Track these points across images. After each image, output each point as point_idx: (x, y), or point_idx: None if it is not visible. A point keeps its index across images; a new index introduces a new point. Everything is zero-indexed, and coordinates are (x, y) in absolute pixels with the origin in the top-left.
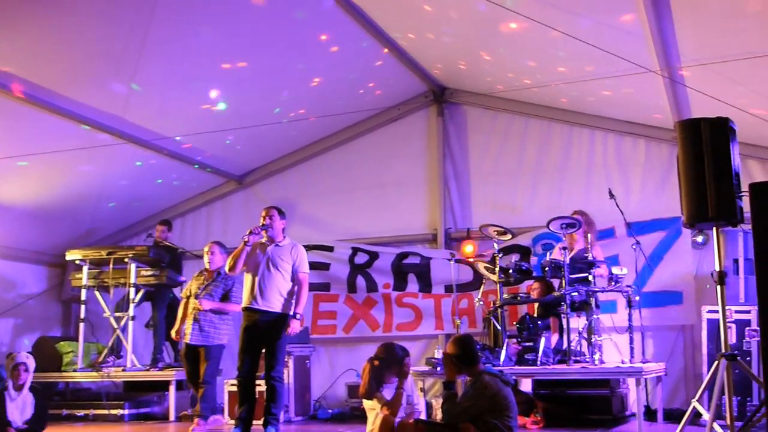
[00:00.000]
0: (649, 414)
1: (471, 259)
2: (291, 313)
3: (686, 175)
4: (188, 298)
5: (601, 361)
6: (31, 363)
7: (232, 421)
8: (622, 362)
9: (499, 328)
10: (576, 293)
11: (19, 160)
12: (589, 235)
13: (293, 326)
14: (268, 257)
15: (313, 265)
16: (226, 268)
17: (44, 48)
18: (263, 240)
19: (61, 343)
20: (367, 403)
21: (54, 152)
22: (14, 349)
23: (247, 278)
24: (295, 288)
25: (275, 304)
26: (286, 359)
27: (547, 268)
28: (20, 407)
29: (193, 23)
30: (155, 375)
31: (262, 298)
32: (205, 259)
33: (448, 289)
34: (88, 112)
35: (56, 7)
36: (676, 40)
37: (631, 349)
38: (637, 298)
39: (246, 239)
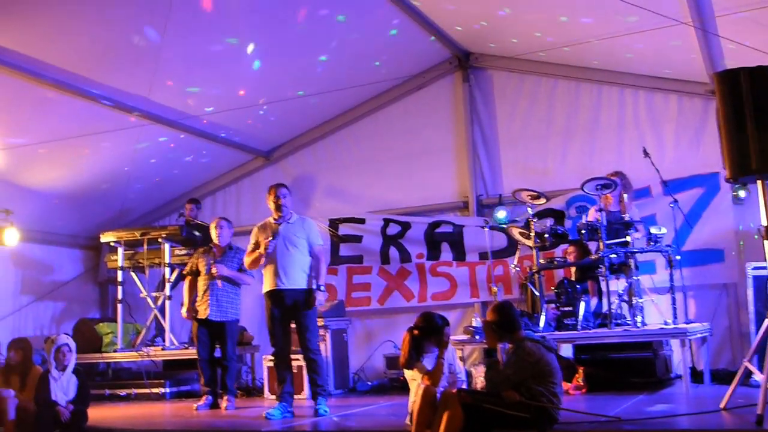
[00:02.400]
0: (695, 375)
1: (505, 225)
2: (314, 286)
3: (727, 128)
4: (194, 275)
5: (643, 324)
6: (73, 344)
7: (272, 396)
8: (665, 323)
9: (536, 293)
10: (614, 255)
11: (49, 145)
12: (625, 196)
13: (318, 298)
14: (284, 237)
15: (346, 238)
16: (246, 265)
17: (68, 33)
18: (273, 219)
19: (100, 324)
20: (408, 374)
21: (83, 136)
22: (55, 332)
23: (267, 263)
24: (313, 262)
25: (300, 281)
26: (323, 333)
27: (583, 231)
28: (64, 388)
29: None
30: (194, 353)
31: (286, 277)
32: (214, 234)
33: (482, 256)
34: (114, 94)
35: None
36: None
37: (674, 309)
38: (678, 257)
39: (263, 253)
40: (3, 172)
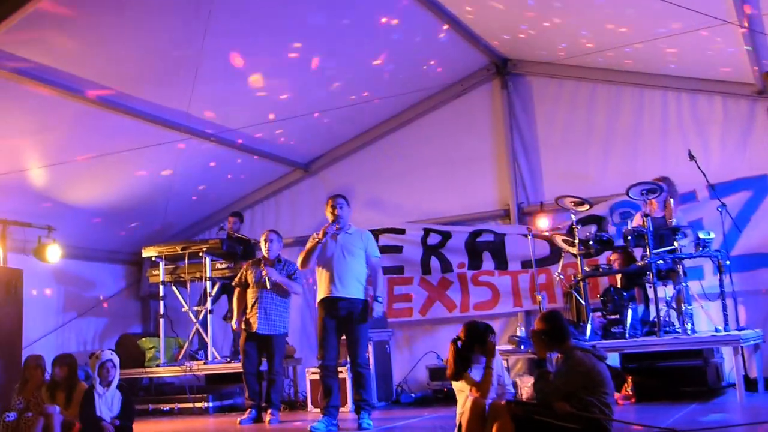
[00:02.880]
0: (748, 384)
1: (547, 233)
2: (371, 297)
3: None
4: (242, 287)
5: (693, 331)
6: (116, 360)
7: (315, 410)
8: (717, 330)
9: (582, 302)
10: (662, 261)
11: (90, 161)
12: (671, 200)
13: (376, 309)
14: (341, 245)
15: (386, 249)
16: (298, 265)
17: (110, 52)
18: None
19: (143, 339)
20: (455, 385)
21: (123, 152)
22: (98, 348)
23: (322, 270)
24: (370, 274)
25: (354, 291)
26: None
27: (629, 237)
28: (109, 404)
29: (253, 12)
30: (236, 367)
31: (342, 285)
32: (264, 247)
33: (525, 265)
34: (154, 110)
35: (116, 10)
36: None
37: (725, 316)
38: (727, 262)
39: (320, 238)
40: (45, 189)
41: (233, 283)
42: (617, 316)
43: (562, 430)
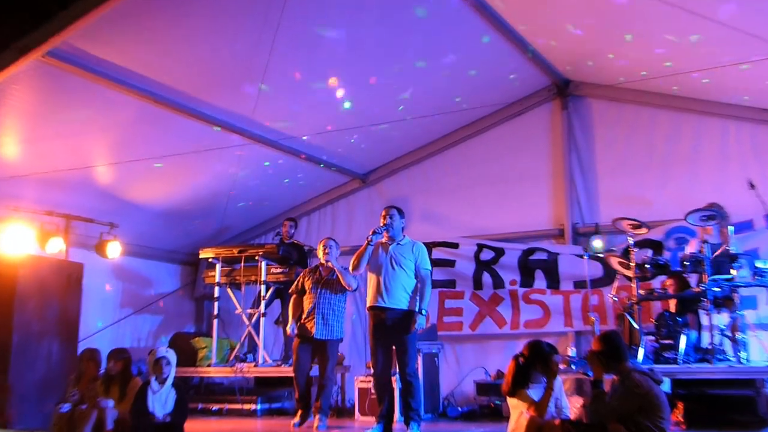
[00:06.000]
0: None
1: (602, 255)
2: (416, 309)
3: None
4: (299, 294)
5: (748, 360)
6: (173, 357)
7: (363, 418)
8: None
9: (635, 325)
10: (718, 288)
11: (155, 161)
12: (729, 228)
13: (418, 321)
14: (391, 256)
15: (438, 262)
16: (350, 267)
17: (178, 53)
18: (384, 240)
19: (196, 339)
20: (511, 401)
21: (187, 153)
22: (151, 345)
23: (372, 278)
24: (418, 285)
25: (401, 301)
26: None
27: (686, 263)
28: (162, 401)
29: (320, 24)
30: (286, 371)
31: (388, 295)
32: (321, 253)
33: (577, 285)
34: (219, 114)
35: (188, 14)
36: None
37: None
38: None
39: (369, 239)
40: (110, 186)
41: (290, 291)
42: (670, 341)
43: None
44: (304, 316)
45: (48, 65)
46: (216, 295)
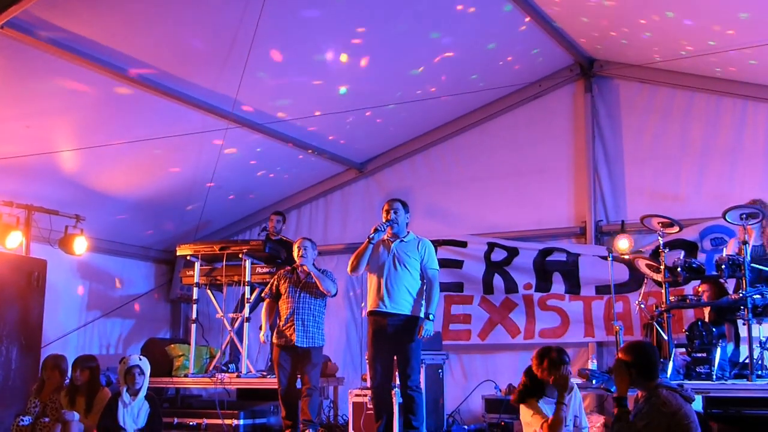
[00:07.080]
0: None
1: (628, 256)
2: (421, 314)
3: None
4: (274, 298)
5: None
6: (146, 366)
7: None
8: None
9: (664, 336)
10: (758, 296)
11: (127, 147)
12: None
13: (426, 328)
14: (394, 254)
15: (444, 263)
16: (348, 269)
17: (155, 27)
18: (386, 236)
19: (171, 346)
20: (523, 417)
21: (163, 138)
22: (122, 352)
23: (372, 279)
24: (425, 287)
25: (404, 306)
26: None
27: (723, 266)
28: (134, 414)
29: None
30: (272, 382)
31: (389, 299)
32: (296, 254)
33: (599, 290)
34: (200, 94)
35: None
36: None
37: None
38: None
39: (371, 237)
40: (76, 174)
41: (263, 294)
42: (704, 354)
43: None
44: (281, 323)
45: (6, 37)
46: (194, 297)
